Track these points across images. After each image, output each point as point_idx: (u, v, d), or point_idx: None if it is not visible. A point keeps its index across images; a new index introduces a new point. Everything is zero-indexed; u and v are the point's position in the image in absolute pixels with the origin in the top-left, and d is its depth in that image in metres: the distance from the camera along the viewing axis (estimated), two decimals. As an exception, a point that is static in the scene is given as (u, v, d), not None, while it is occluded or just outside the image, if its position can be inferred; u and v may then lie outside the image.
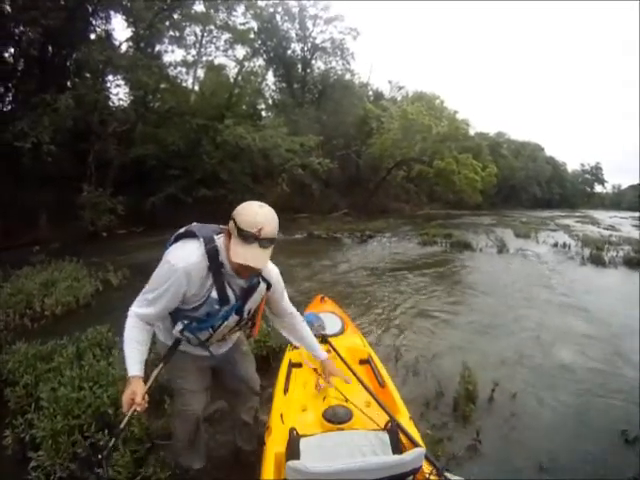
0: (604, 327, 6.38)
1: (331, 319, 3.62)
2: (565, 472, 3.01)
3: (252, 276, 2.00)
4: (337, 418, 2.24)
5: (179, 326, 2.06)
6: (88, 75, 16.35)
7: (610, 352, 5.37)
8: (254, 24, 25.68)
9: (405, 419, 2.33)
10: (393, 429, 2.04)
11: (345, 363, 2.68)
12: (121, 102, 19.39)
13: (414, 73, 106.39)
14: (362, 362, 3.04)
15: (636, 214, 43.55)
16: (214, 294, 1.95)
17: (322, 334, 3.15)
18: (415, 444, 1.88)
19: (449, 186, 30.48)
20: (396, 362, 4.74)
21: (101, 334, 4.43)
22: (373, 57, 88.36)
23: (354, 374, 2.54)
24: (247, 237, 1.71)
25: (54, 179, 14.26)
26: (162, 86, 19.47)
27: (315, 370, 2.59)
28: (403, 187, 36.75)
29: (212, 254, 1.88)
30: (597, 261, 11.84)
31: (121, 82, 17.95)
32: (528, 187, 55.34)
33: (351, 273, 9.94)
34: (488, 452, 3.19)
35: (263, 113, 29.39)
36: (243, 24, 23.68)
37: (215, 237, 1.90)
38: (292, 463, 1.56)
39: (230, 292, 1.99)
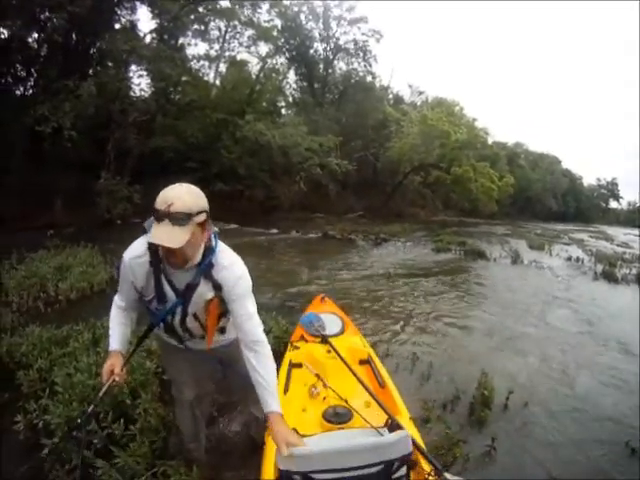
0: (616, 345, 6.32)
1: (331, 319, 3.63)
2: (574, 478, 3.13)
3: (196, 272, 1.88)
4: (337, 418, 2.27)
5: (148, 316, 2.14)
6: (110, 64, 16.38)
7: (621, 369, 5.38)
8: (278, 22, 25.85)
9: (405, 419, 2.33)
10: (393, 428, 2.03)
11: (345, 363, 2.71)
12: (142, 92, 19.49)
13: (434, 78, 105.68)
14: (362, 362, 3.04)
15: None
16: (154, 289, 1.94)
17: (322, 334, 3.21)
18: (415, 443, 1.81)
19: (466, 194, 30.43)
20: (413, 365, 4.74)
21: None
22: (394, 60, 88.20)
23: (354, 374, 2.57)
24: (159, 216, 1.63)
25: (73, 165, 14.36)
26: (184, 79, 19.55)
27: (317, 375, 2.56)
28: (419, 192, 36.73)
29: (153, 248, 1.81)
30: (610, 277, 11.74)
31: (143, 73, 18.09)
32: (544, 199, 54.84)
33: (365, 276, 9.85)
34: (501, 457, 3.23)
35: (283, 111, 29.51)
36: (267, 21, 23.91)
37: None
38: (282, 451, 1.57)
39: (168, 289, 1.92)
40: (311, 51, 31.10)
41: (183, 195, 1.66)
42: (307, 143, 21.60)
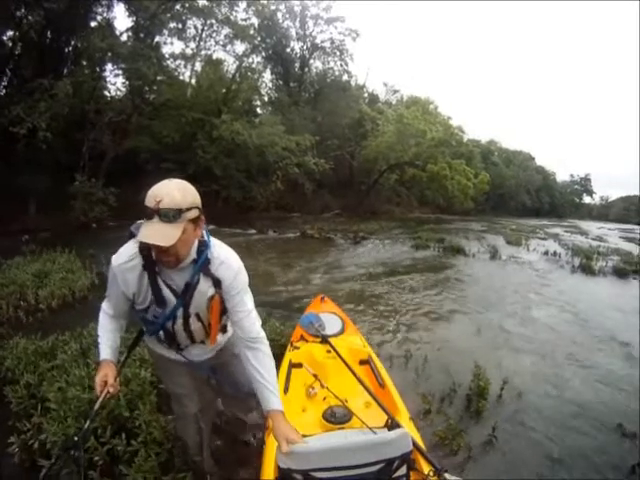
0: (600, 332, 6.76)
1: (331, 319, 3.60)
2: (573, 460, 3.31)
3: (194, 270, 1.81)
4: (337, 418, 2.26)
5: (143, 326, 2.11)
6: (86, 63, 16.00)
7: (605, 353, 5.86)
8: (255, 20, 25.57)
9: (405, 419, 2.31)
10: (393, 428, 2.03)
11: (345, 363, 2.70)
12: (118, 92, 19.07)
13: (408, 77, 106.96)
14: (362, 362, 3.01)
15: (623, 226, 45.12)
16: (150, 294, 1.85)
17: (322, 334, 3.19)
18: (415, 444, 1.81)
19: (442, 191, 30.69)
20: (407, 361, 4.81)
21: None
22: (369, 59, 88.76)
23: (354, 374, 2.57)
24: (149, 213, 1.56)
25: (47, 167, 13.94)
26: (159, 78, 19.04)
27: (315, 376, 2.57)
28: (395, 190, 37.05)
29: (145, 252, 1.75)
30: (587, 270, 12.16)
31: (119, 72, 17.50)
32: (517, 195, 55.87)
33: (349, 275, 9.86)
34: (503, 443, 3.40)
35: (259, 110, 29.19)
36: (244, 20, 23.59)
37: None
38: (282, 448, 1.57)
39: (167, 291, 1.84)
40: (287, 50, 30.94)
41: (172, 191, 1.58)
42: (284, 142, 21.49)
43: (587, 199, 79.94)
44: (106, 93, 17.55)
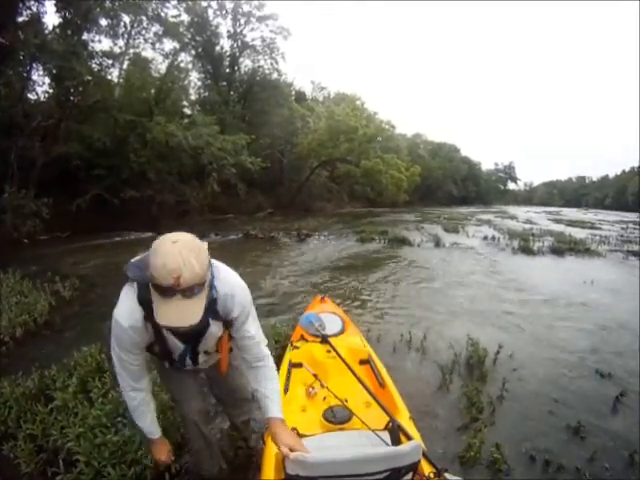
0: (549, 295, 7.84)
1: (331, 319, 3.62)
2: (567, 403, 3.83)
3: (203, 315, 1.58)
4: (337, 419, 2.27)
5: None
6: (11, 62, 14.64)
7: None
8: (185, 17, 25.13)
9: (405, 419, 2.32)
10: (394, 429, 2.07)
11: (345, 363, 2.72)
12: (45, 94, 17.86)
13: (335, 74, 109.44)
14: (362, 362, 3.04)
15: (548, 208, 48.61)
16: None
17: (322, 334, 3.21)
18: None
19: (376, 185, 31.20)
20: (409, 344, 5.07)
21: (94, 356, 3.75)
22: (296, 57, 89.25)
23: (354, 374, 2.58)
24: (164, 291, 1.34)
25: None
26: (87, 78, 17.74)
27: (315, 375, 2.57)
28: (326, 186, 37.65)
29: (146, 304, 1.52)
30: (527, 251, 13.22)
31: (46, 71, 16.27)
32: (444, 185, 58.12)
33: (308, 272, 9.79)
34: (512, 395, 3.91)
35: (187, 110, 28.34)
36: (175, 17, 23.13)
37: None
38: (292, 455, 1.56)
39: (173, 340, 1.77)
40: (217, 48, 30.39)
41: (189, 261, 1.33)
42: (219, 143, 21.15)
43: (512, 185, 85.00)
44: (33, 95, 16.39)
